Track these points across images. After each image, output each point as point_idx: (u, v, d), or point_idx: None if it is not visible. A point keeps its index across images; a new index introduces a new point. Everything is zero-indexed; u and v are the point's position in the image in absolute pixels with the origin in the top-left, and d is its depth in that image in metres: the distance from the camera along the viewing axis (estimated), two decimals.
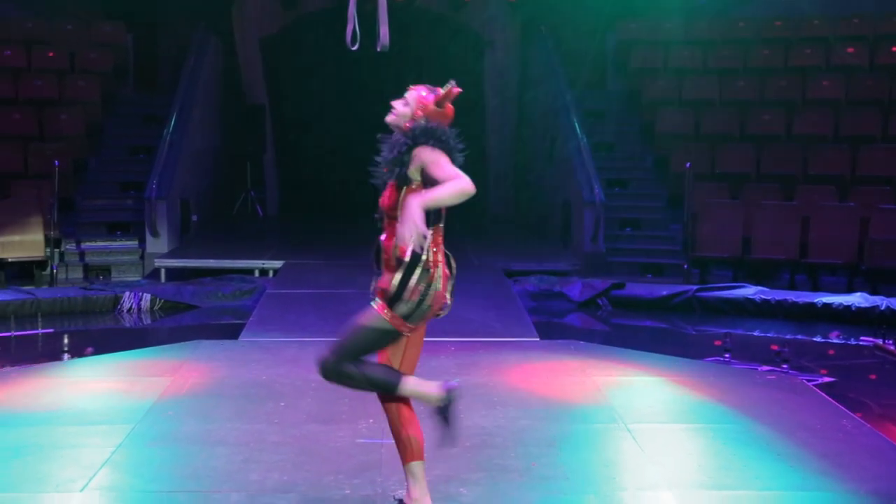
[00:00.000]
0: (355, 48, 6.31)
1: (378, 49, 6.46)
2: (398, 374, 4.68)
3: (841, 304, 11.36)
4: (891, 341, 9.81)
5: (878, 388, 8.32)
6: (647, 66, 18.00)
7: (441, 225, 4.65)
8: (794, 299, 11.72)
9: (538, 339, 9.61)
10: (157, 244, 14.43)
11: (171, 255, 14.28)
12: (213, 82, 19.00)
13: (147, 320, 11.66)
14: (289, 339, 9.51)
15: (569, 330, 11.05)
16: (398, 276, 4.52)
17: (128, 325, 11.50)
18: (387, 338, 4.66)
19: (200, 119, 17.54)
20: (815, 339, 10.63)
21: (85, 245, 14.54)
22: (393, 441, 4.87)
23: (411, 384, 4.67)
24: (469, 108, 19.87)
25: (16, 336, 10.23)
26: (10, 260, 13.42)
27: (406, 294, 4.50)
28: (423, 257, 4.51)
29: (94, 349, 9.29)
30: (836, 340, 10.44)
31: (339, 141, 19.71)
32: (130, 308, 11.83)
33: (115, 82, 17.89)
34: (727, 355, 9.08)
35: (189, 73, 17.43)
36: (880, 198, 13.71)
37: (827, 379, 8.41)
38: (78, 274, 14.14)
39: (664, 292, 12.15)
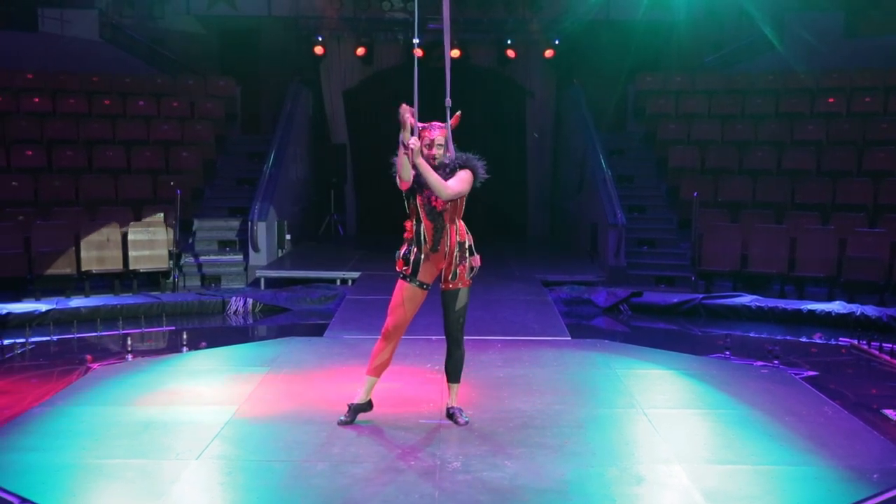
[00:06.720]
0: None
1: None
2: None
3: (823, 311, 11.21)
4: (864, 341, 9.68)
5: (853, 381, 8.19)
6: (661, 111, 17.93)
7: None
8: (784, 306, 11.59)
9: (570, 338, 9.52)
10: (258, 258, 14.53)
11: (269, 266, 14.39)
12: (305, 126, 19.17)
13: (249, 320, 11.76)
14: (364, 336, 9.47)
15: (595, 331, 10.97)
16: (466, 257, 5.84)
17: (234, 324, 11.59)
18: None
19: (294, 156, 17.67)
20: (801, 339, 10.48)
21: (200, 258, 14.70)
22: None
23: None
24: (512, 146, 19.95)
25: (145, 332, 10.37)
26: (141, 270, 13.62)
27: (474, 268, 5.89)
28: (468, 244, 5.86)
29: (207, 343, 9.39)
30: (818, 341, 10.29)
31: None
32: (236, 310, 11.94)
33: (226, 126, 18.09)
34: (728, 353, 8.97)
35: (285, 118, 17.63)
36: (856, 222, 13.55)
37: (811, 373, 8.30)
38: (195, 282, 14.27)
39: (675, 300, 12.04)
